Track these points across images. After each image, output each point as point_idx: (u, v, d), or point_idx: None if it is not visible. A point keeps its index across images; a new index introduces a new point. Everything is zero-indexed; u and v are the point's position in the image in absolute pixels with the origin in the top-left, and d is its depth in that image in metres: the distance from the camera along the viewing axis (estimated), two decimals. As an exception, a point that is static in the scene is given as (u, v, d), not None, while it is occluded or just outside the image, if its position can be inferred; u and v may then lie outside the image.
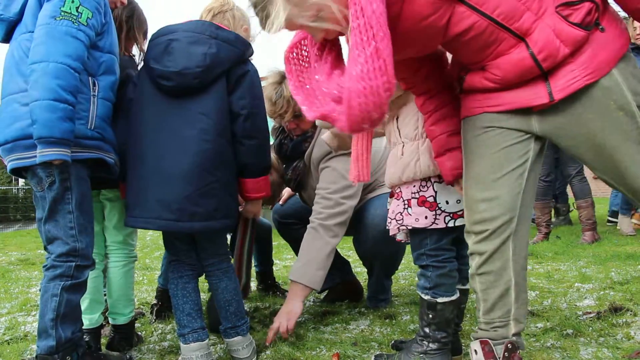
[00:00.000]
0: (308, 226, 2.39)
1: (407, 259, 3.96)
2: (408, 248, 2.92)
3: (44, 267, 1.81)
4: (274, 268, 4.28)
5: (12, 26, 1.78)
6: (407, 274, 3.77)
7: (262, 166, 2.01)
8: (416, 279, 1.91)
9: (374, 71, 1.20)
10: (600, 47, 1.37)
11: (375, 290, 2.83)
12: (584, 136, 1.44)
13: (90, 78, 1.76)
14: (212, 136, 1.83)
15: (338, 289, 2.92)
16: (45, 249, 1.82)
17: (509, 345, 1.53)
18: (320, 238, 2.32)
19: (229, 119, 1.88)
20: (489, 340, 1.55)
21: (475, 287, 1.59)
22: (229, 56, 1.86)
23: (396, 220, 1.82)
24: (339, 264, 2.90)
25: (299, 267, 2.32)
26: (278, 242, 6.33)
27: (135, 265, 2.31)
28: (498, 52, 1.42)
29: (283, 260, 4.85)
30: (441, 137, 1.66)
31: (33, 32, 1.68)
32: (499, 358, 1.53)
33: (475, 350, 1.55)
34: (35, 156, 1.62)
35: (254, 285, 3.37)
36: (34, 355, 1.70)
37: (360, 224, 2.60)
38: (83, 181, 1.75)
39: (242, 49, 1.91)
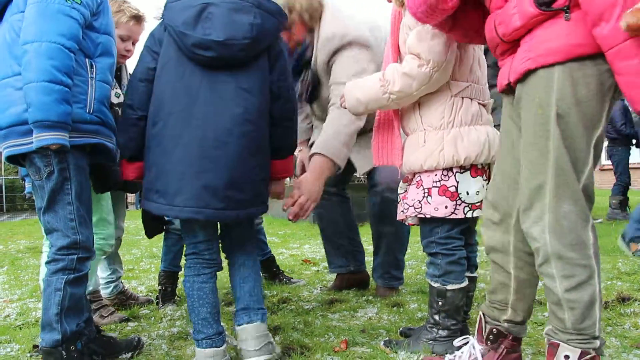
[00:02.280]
0: (331, 107, 2.32)
1: (413, 248, 3.98)
2: (412, 239, 2.96)
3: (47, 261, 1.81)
4: (281, 257, 4.33)
5: (2, 7, 1.70)
6: (413, 263, 3.78)
7: (294, 147, 1.91)
8: (424, 267, 1.92)
9: None
10: (555, 34, 1.26)
11: (388, 266, 2.82)
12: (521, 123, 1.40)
13: (87, 60, 1.69)
14: (255, 117, 1.68)
15: (346, 277, 2.94)
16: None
17: (493, 330, 1.57)
18: (346, 114, 2.13)
19: (269, 99, 1.75)
20: (484, 317, 1.61)
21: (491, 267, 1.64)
22: (273, 29, 1.72)
23: (414, 208, 1.82)
24: (356, 252, 2.94)
25: (323, 139, 2.20)
26: (284, 231, 6.39)
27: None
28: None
29: (290, 249, 4.87)
30: None
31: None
32: (484, 336, 1.60)
33: (478, 319, 1.64)
34: (30, 142, 1.57)
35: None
36: (39, 347, 1.70)
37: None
38: (82, 170, 1.70)
39: (282, 21, 1.77)
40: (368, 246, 3.25)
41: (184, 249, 1.86)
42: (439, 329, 1.84)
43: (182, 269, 2.87)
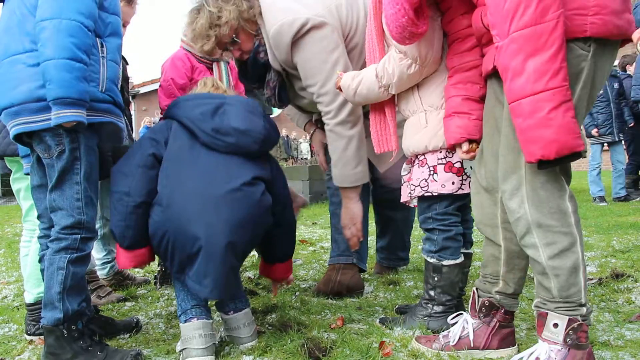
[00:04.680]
0: (325, 129, 2.21)
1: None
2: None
3: (39, 237, 1.81)
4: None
5: None
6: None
7: (293, 251, 2.02)
8: (421, 246, 1.92)
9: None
10: None
11: (396, 248, 2.81)
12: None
13: (97, 39, 1.67)
14: (269, 204, 1.75)
15: (340, 273, 2.49)
16: (39, 217, 1.81)
17: (485, 302, 1.61)
18: (340, 137, 2.13)
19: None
20: (477, 291, 1.65)
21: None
22: (274, 139, 1.84)
23: (421, 187, 1.82)
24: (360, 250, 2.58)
25: (337, 173, 2.20)
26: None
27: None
28: None
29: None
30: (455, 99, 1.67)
31: None
32: (476, 310, 1.63)
33: (471, 294, 1.67)
34: (44, 120, 1.56)
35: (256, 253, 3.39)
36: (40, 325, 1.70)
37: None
38: (92, 151, 1.69)
39: (278, 137, 1.87)
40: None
41: None
42: (434, 305, 1.85)
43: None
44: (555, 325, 1.36)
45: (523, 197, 1.37)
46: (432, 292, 1.86)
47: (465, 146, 1.65)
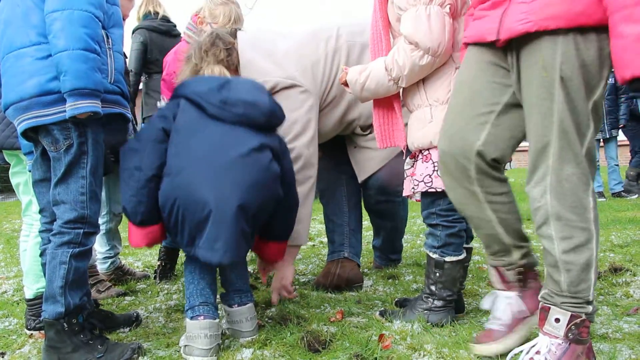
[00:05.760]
0: None
1: (408, 223, 4.00)
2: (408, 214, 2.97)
3: (40, 231, 1.80)
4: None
5: None
6: (408, 237, 3.79)
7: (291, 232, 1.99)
8: (420, 241, 1.93)
9: None
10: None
11: (387, 251, 2.83)
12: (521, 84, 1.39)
13: (103, 31, 1.66)
14: (277, 173, 1.75)
15: (340, 267, 2.49)
16: (41, 211, 1.80)
17: (519, 270, 1.58)
18: (301, 196, 2.08)
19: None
20: (500, 267, 1.60)
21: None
22: (280, 117, 1.82)
23: (424, 183, 1.81)
24: (355, 246, 2.61)
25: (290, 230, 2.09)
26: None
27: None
28: None
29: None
30: None
31: None
32: (511, 281, 1.59)
33: (492, 274, 1.63)
34: (55, 113, 1.55)
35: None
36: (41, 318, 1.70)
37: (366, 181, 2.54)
38: (99, 145, 1.69)
39: (283, 117, 1.85)
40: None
41: None
42: (435, 299, 1.85)
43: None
44: (557, 320, 1.35)
45: (547, 187, 1.33)
46: (433, 287, 1.86)
47: None
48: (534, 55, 1.32)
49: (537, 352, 1.37)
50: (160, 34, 3.44)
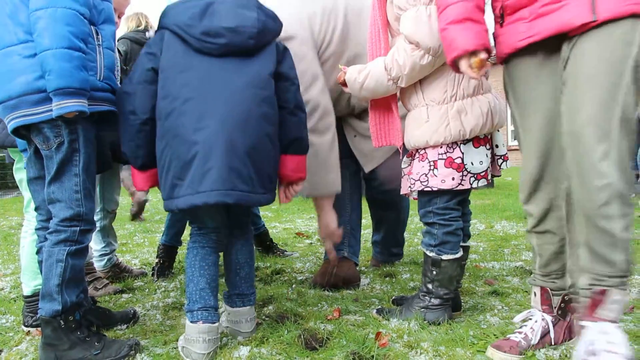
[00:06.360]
0: None
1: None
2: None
3: (37, 229, 1.80)
4: (275, 230, 4.35)
5: None
6: (406, 236, 3.79)
7: (307, 143, 1.86)
8: (417, 239, 1.93)
9: None
10: None
11: (389, 244, 2.83)
12: (590, 61, 1.34)
13: (92, 27, 1.65)
14: (270, 100, 1.69)
15: (333, 267, 2.47)
16: (37, 209, 1.80)
17: (565, 297, 1.58)
18: (309, 145, 2.02)
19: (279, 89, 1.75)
20: (548, 289, 1.60)
21: (532, 242, 1.62)
22: (272, 29, 1.75)
23: (420, 182, 1.82)
24: (353, 244, 2.62)
25: (308, 182, 2.09)
26: (277, 205, 6.40)
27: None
28: None
29: (283, 222, 4.90)
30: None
31: None
32: (555, 307, 1.59)
33: (535, 293, 1.62)
34: (43, 112, 1.55)
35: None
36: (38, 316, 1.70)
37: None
38: (90, 143, 1.68)
39: (280, 26, 1.79)
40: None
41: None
42: (432, 298, 1.86)
43: (183, 244, 2.90)
44: (616, 301, 1.30)
45: (614, 162, 1.29)
46: (430, 286, 1.86)
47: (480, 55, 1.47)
48: (606, 32, 1.31)
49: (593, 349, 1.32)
50: (141, 46, 3.44)
